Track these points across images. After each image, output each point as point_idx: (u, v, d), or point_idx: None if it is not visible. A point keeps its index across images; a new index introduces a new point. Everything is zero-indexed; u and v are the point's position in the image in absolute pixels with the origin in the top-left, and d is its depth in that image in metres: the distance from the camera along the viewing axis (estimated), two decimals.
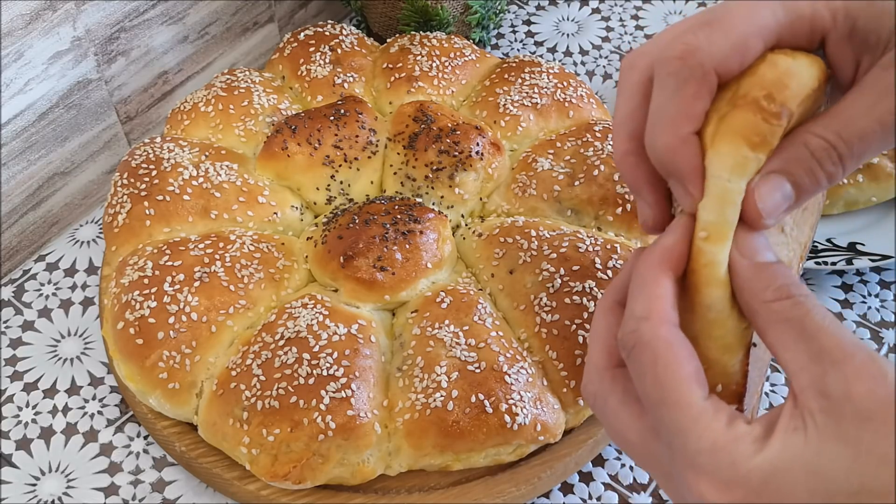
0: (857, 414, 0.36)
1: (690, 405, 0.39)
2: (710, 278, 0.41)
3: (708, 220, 0.41)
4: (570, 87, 0.76)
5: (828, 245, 0.75)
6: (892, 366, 0.37)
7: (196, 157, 0.69)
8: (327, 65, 0.78)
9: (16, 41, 0.68)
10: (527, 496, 0.61)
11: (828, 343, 0.37)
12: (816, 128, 0.41)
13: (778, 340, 0.39)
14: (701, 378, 0.40)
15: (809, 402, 0.37)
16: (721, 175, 0.41)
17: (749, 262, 0.40)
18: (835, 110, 0.42)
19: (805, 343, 0.38)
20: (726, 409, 0.39)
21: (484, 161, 0.69)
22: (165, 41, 0.81)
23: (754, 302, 0.40)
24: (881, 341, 0.72)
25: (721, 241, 0.41)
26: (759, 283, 0.40)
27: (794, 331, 0.38)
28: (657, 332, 0.40)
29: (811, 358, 0.38)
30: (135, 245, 0.66)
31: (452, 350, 0.59)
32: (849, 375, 0.36)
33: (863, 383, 0.36)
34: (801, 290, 0.39)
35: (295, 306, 0.62)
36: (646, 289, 0.42)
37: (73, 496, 0.64)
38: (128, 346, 0.61)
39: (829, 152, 0.41)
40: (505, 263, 0.65)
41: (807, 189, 0.42)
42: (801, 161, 0.41)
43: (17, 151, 0.73)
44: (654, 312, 0.41)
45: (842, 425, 0.36)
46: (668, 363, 0.40)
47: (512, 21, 0.98)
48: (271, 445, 0.57)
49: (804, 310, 0.39)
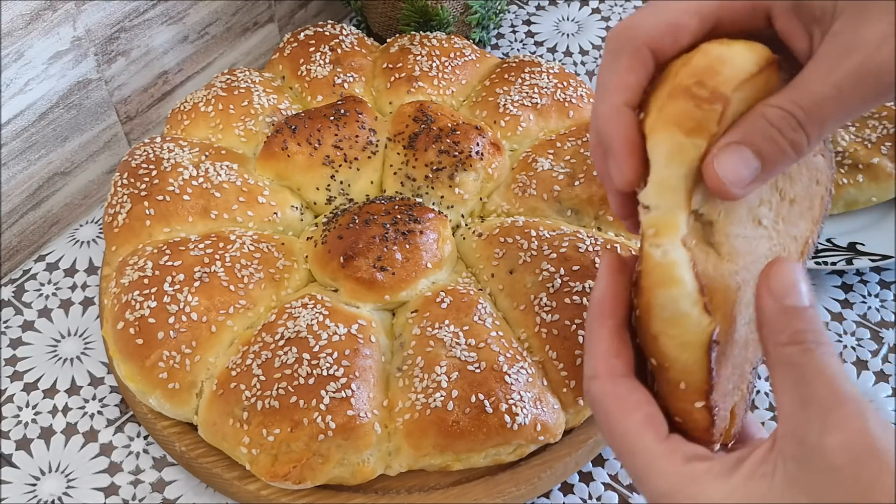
0: (825, 465, 0.36)
1: (644, 452, 0.40)
2: (661, 279, 0.41)
3: (653, 215, 0.41)
4: (570, 87, 0.76)
5: (828, 245, 0.75)
6: (882, 424, 0.36)
7: (196, 157, 0.69)
8: (327, 65, 0.78)
9: (16, 41, 0.68)
10: (527, 496, 0.61)
11: (821, 391, 0.37)
12: (773, 99, 0.42)
13: (778, 382, 0.39)
14: (654, 422, 0.41)
15: (785, 447, 0.38)
16: (658, 161, 0.41)
17: (775, 303, 0.40)
18: (792, 83, 0.42)
19: (800, 389, 0.38)
20: (682, 449, 0.40)
21: (484, 161, 0.69)
22: (165, 41, 0.81)
23: (769, 343, 0.40)
24: (881, 341, 0.72)
25: (668, 234, 0.41)
26: (778, 325, 0.39)
27: (794, 376, 0.38)
28: (603, 390, 0.43)
29: (801, 404, 0.38)
30: (135, 245, 0.66)
31: (452, 350, 0.59)
32: (828, 425, 0.36)
33: (838, 435, 0.36)
34: (817, 338, 0.39)
35: (295, 306, 0.62)
36: (590, 347, 0.44)
37: (73, 496, 0.64)
38: (128, 346, 0.61)
39: (788, 119, 0.41)
40: (505, 263, 0.65)
41: (771, 158, 0.41)
42: (760, 130, 0.41)
43: (17, 151, 0.73)
44: (600, 370, 0.43)
45: (808, 475, 0.36)
46: (618, 418, 0.42)
47: (512, 21, 0.98)
48: (271, 445, 0.57)
49: (809, 357, 0.38)
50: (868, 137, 0.78)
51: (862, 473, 0.35)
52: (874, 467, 0.35)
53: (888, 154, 0.77)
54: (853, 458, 0.36)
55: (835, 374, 0.37)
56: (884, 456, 0.35)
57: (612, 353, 0.43)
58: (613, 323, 0.44)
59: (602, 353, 0.43)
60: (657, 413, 0.42)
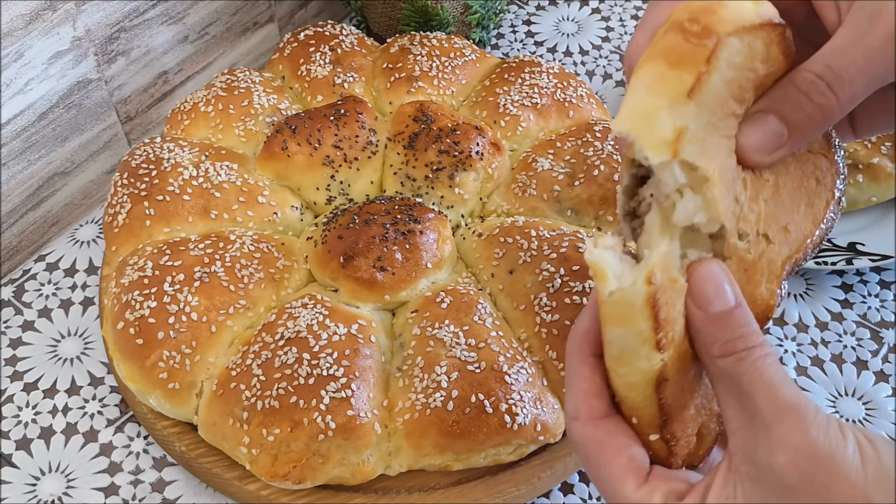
0: (779, 485, 0.37)
1: (626, 498, 0.41)
2: (611, 316, 0.39)
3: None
4: (570, 87, 0.76)
5: (828, 245, 0.75)
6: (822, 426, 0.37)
7: (196, 157, 0.69)
8: (327, 65, 0.78)
9: (16, 41, 0.68)
10: (527, 496, 0.61)
11: (761, 403, 0.38)
12: (804, 65, 0.41)
13: (720, 396, 0.40)
14: (634, 466, 0.41)
15: (740, 466, 0.38)
16: (637, 90, 0.39)
17: (701, 314, 0.40)
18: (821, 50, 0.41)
19: (741, 402, 0.39)
20: (660, 491, 0.41)
21: (484, 161, 0.69)
22: (165, 41, 0.81)
23: (703, 355, 0.40)
24: (881, 341, 0.72)
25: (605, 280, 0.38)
26: (708, 337, 0.39)
27: (732, 388, 0.39)
28: (585, 433, 0.42)
29: (745, 419, 0.38)
30: (135, 245, 0.66)
31: (452, 350, 0.59)
32: (773, 443, 0.37)
33: (785, 453, 0.37)
34: (747, 343, 0.39)
35: (295, 306, 0.62)
36: (571, 385, 0.43)
37: (73, 496, 0.64)
38: (128, 346, 0.61)
39: (816, 83, 0.41)
40: (505, 263, 0.65)
41: (799, 125, 0.41)
42: (788, 96, 0.41)
43: (17, 151, 0.73)
44: (581, 411, 0.43)
45: (766, 495, 0.38)
46: (599, 463, 0.42)
47: (512, 21, 0.98)
48: (271, 445, 0.57)
49: (744, 367, 0.38)
50: (868, 137, 0.78)
51: (814, 487, 0.37)
52: (823, 479, 0.37)
53: (888, 154, 0.77)
54: (802, 474, 0.37)
55: (771, 382, 0.38)
56: (830, 463, 0.37)
57: (594, 392, 0.42)
58: (594, 360, 0.43)
59: (583, 393, 0.43)
60: (637, 454, 0.42)
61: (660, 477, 0.41)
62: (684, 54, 0.39)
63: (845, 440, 0.37)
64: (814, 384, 0.70)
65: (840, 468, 0.37)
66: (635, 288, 0.38)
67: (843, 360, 0.71)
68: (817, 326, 0.73)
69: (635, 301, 0.38)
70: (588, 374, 0.43)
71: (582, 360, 0.43)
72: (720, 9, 0.39)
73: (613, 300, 0.38)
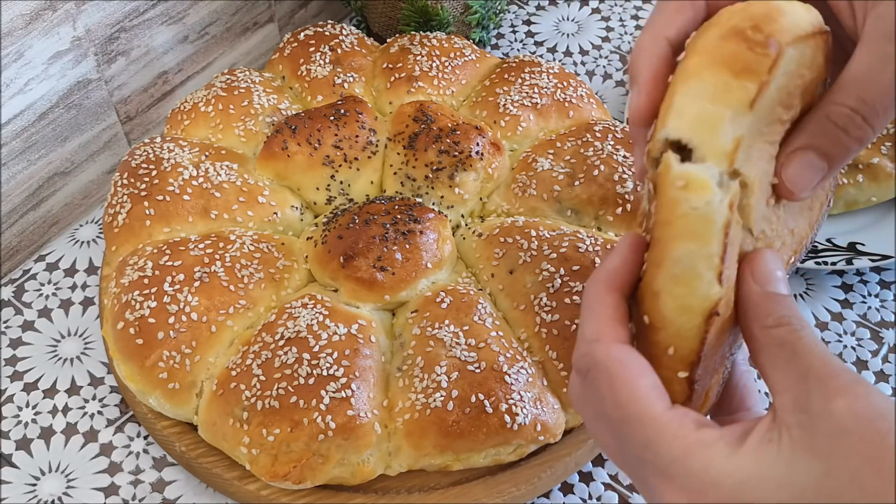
0: (833, 429, 0.36)
1: (654, 418, 0.39)
2: (685, 232, 0.39)
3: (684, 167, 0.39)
4: (570, 87, 0.76)
5: (828, 245, 0.75)
6: (879, 391, 0.37)
7: (196, 157, 0.69)
8: (327, 65, 0.78)
9: (16, 41, 0.68)
10: (527, 496, 0.61)
11: (816, 363, 0.38)
12: (835, 97, 0.42)
13: (769, 362, 0.40)
14: (660, 390, 0.40)
15: (788, 417, 0.37)
16: (700, 98, 0.39)
17: (760, 289, 0.41)
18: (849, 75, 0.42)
19: (794, 364, 0.38)
20: (692, 415, 0.39)
21: (484, 161, 0.69)
22: (165, 41, 0.81)
23: (755, 326, 0.40)
24: (881, 341, 0.72)
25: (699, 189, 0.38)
26: (763, 310, 0.40)
27: (785, 353, 0.39)
28: (609, 353, 0.41)
29: (798, 377, 0.38)
30: (135, 245, 0.67)
31: (452, 350, 0.59)
32: (831, 391, 0.37)
33: (844, 399, 0.36)
34: (801, 323, 0.40)
35: (295, 306, 0.62)
36: (594, 310, 0.43)
37: (73, 496, 0.64)
38: (128, 346, 0.61)
39: (854, 118, 0.41)
40: (505, 263, 0.65)
41: (837, 157, 0.42)
42: (826, 132, 0.42)
43: (17, 151, 0.73)
44: (604, 334, 0.42)
45: (816, 439, 0.36)
46: (624, 381, 0.40)
47: (512, 21, 0.98)
48: (271, 445, 0.57)
49: (798, 335, 0.39)
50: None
51: (872, 434, 0.35)
52: (884, 427, 0.35)
53: (888, 154, 0.77)
54: (862, 419, 0.35)
55: (825, 352, 0.38)
56: (890, 416, 0.35)
57: (619, 319, 0.42)
58: (620, 294, 0.43)
59: (608, 318, 0.42)
60: (660, 382, 0.41)
61: (686, 409, 0.40)
62: (748, 64, 0.39)
63: None
64: None
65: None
66: (721, 206, 0.38)
67: (843, 360, 0.71)
68: (817, 326, 0.73)
69: (716, 220, 0.38)
70: (614, 304, 0.42)
71: (608, 291, 0.42)
72: (780, 17, 0.40)
73: (697, 213, 0.38)
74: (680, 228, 0.39)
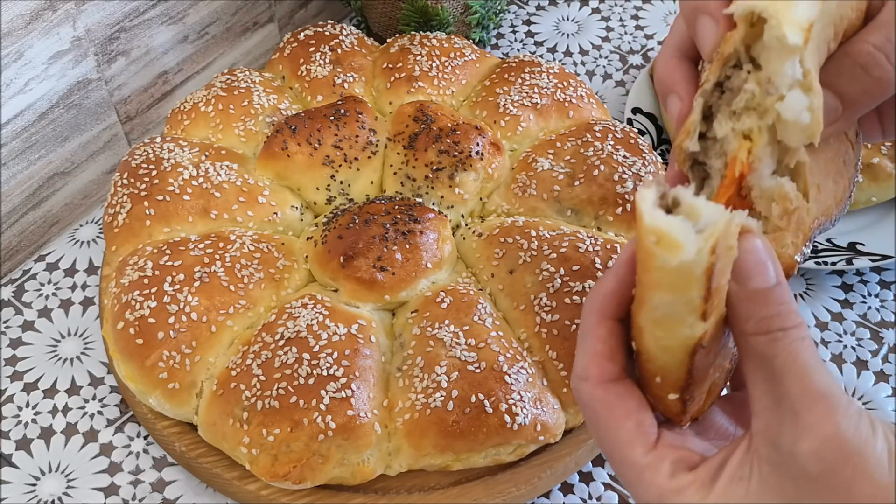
0: (799, 473, 0.36)
1: (633, 464, 0.40)
2: (661, 282, 0.38)
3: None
4: (570, 87, 0.76)
5: (828, 245, 0.75)
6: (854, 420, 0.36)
7: (196, 157, 0.69)
8: (327, 65, 0.78)
9: (16, 41, 0.68)
10: (527, 496, 0.61)
11: (792, 388, 0.37)
12: (860, 36, 0.40)
13: (749, 374, 0.39)
14: (643, 431, 0.41)
15: (760, 448, 0.37)
16: None
17: (740, 289, 0.38)
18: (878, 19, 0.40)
19: (771, 384, 0.37)
20: (669, 457, 0.40)
21: (484, 161, 0.69)
22: (165, 41, 0.81)
23: (736, 331, 0.39)
24: (881, 341, 0.72)
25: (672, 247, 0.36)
26: (744, 312, 0.38)
27: (764, 369, 0.38)
28: (594, 395, 0.41)
29: (773, 401, 0.37)
30: (135, 245, 0.66)
31: (452, 350, 0.59)
32: (800, 430, 0.36)
33: (810, 442, 0.36)
34: (784, 323, 0.38)
35: (295, 306, 0.62)
36: (584, 344, 0.42)
37: (73, 496, 0.64)
38: (128, 346, 0.61)
39: (875, 55, 0.40)
40: (505, 263, 0.65)
41: (853, 97, 0.40)
42: (843, 69, 0.40)
43: (17, 151, 0.73)
44: (591, 373, 0.42)
45: (783, 482, 0.36)
46: (607, 426, 0.41)
47: (512, 21, 0.98)
48: (271, 445, 0.57)
49: (778, 348, 0.37)
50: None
51: (836, 481, 0.35)
52: (847, 474, 0.35)
53: (888, 154, 0.77)
54: (826, 467, 0.36)
55: (805, 367, 0.37)
56: (856, 459, 0.35)
57: (607, 355, 0.41)
58: (613, 322, 0.42)
59: (595, 355, 0.42)
60: (646, 420, 0.41)
61: (669, 445, 0.40)
62: None
63: (875, 436, 0.36)
64: None
65: (866, 465, 0.35)
66: (699, 258, 0.36)
67: (843, 360, 0.71)
68: (817, 326, 0.73)
69: (694, 271, 0.36)
70: (604, 337, 0.42)
71: (600, 322, 0.42)
72: None
73: (672, 268, 0.37)
74: (657, 279, 0.38)
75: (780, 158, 0.41)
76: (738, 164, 0.41)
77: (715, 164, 0.43)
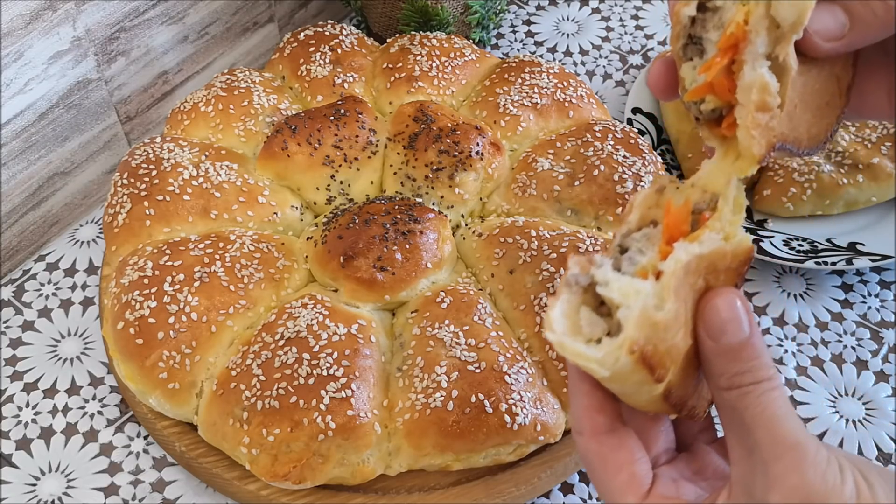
0: None
1: None
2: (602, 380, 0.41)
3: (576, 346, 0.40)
4: (570, 87, 0.76)
5: (828, 245, 0.75)
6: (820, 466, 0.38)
7: (196, 157, 0.69)
8: (327, 65, 0.78)
9: (16, 41, 0.68)
10: (527, 496, 0.61)
11: (761, 439, 0.38)
12: None
13: (725, 425, 0.41)
14: (635, 482, 0.42)
15: (739, 496, 0.39)
16: None
17: (714, 345, 0.40)
18: None
19: (742, 436, 0.39)
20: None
21: (484, 161, 0.69)
22: (165, 41, 0.81)
23: (709, 382, 0.41)
24: (881, 341, 0.72)
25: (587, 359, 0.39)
26: (717, 369, 0.40)
27: (735, 420, 0.39)
28: (589, 447, 0.43)
29: (745, 452, 0.39)
30: (135, 245, 0.66)
31: (452, 350, 0.59)
32: (770, 481, 0.38)
33: (779, 493, 0.38)
34: (756, 377, 0.39)
35: (295, 306, 0.62)
36: (574, 399, 0.44)
37: (73, 496, 0.64)
38: (128, 346, 0.61)
39: None
40: (505, 263, 0.65)
41: (862, 18, 0.40)
42: None
43: (17, 151, 0.73)
44: (584, 426, 0.44)
45: None
46: (602, 478, 0.43)
47: (512, 21, 0.98)
48: (271, 445, 0.57)
49: (748, 401, 0.39)
50: (868, 137, 0.78)
51: None
52: None
53: (888, 154, 0.77)
54: None
55: (773, 418, 0.38)
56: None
57: (595, 408, 0.43)
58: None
59: (584, 409, 0.43)
60: (639, 471, 0.43)
61: (659, 496, 0.42)
62: None
63: (843, 482, 0.38)
64: (814, 384, 0.70)
65: None
66: (620, 364, 0.38)
67: (843, 360, 0.71)
68: (817, 326, 0.73)
69: (624, 369, 0.39)
70: (589, 391, 0.43)
71: (582, 378, 0.43)
72: None
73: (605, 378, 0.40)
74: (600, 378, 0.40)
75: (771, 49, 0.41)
76: (735, 26, 0.41)
77: (712, 36, 0.43)
